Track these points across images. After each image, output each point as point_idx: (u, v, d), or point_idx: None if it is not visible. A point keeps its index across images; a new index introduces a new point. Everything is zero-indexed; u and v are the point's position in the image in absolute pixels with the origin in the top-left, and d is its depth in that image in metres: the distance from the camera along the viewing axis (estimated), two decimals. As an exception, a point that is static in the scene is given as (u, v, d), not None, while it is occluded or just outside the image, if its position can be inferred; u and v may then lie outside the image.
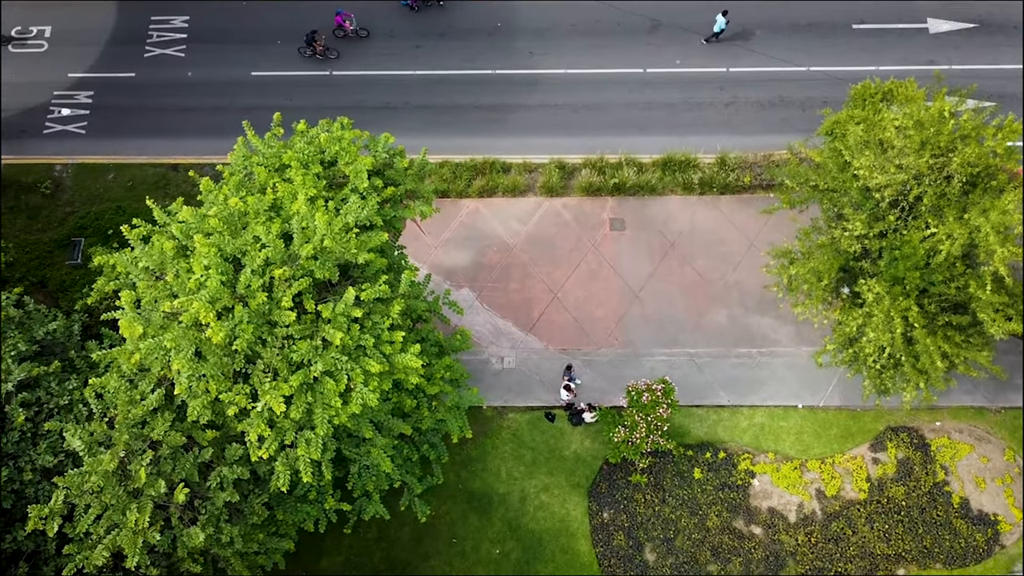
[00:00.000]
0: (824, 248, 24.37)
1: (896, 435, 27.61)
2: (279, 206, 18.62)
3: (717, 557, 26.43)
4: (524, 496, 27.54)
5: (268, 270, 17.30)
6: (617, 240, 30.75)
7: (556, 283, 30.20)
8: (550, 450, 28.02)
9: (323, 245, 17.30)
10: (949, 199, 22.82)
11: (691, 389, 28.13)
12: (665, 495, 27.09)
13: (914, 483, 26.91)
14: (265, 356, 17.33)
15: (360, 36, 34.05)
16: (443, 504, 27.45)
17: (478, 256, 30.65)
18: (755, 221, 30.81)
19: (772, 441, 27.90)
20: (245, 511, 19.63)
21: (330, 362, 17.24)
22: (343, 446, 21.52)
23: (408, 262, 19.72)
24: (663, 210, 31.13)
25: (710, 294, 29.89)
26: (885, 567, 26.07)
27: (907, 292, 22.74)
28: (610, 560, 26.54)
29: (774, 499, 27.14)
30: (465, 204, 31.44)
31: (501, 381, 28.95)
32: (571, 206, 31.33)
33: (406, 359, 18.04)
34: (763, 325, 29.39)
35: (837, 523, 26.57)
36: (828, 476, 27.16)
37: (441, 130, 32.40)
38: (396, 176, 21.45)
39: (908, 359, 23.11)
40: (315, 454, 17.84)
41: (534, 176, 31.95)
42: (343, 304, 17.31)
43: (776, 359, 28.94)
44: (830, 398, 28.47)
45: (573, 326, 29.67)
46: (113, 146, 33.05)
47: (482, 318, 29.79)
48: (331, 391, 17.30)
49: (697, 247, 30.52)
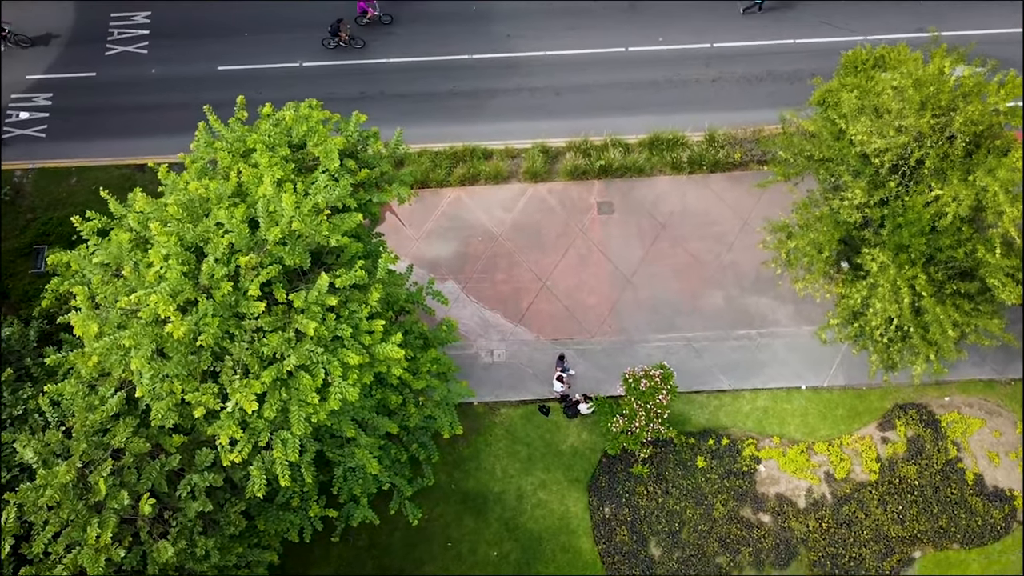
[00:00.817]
0: (823, 219, 23.28)
1: (905, 412, 26.54)
2: (245, 192, 17.30)
3: (725, 548, 25.24)
4: (521, 494, 26.27)
5: (233, 258, 15.98)
6: (606, 224, 29.59)
7: (544, 271, 28.99)
8: (546, 445, 26.78)
9: (291, 228, 15.99)
10: (952, 161, 21.79)
11: (690, 375, 26.96)
12: (668, 486, 25.88)
13: (926, 461, 25.84)
14: (234, 351, 16.00)
15: (383, 22, 32.64)
16: (436, 506, 26.13)
17: (462, 247, 29.40)
18: (748, 199, 29.74)
19: (776, 425, 26.77)
20: (221, 521, 18.25)
21: (305, 355, 15.93)
22: (326, 448, 20.20)
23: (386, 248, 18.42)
24: (652, 191, 30.00)
25: (705, 276, 28.77)
26: (901, 550, 24.96)
27: (913, 260, 21.69)
28: (613, 557, 25.31)
29: (782, 485, 25.99)
30: (446, 193, 30.19)
31: (491, 375, 27.68)
32: (557, 191, 30.14)
33: (387, 349, 16.75)
34: (761, 305, 28.28)
35: (848, 507, 25.45)
36: (836, 458, 26.04)
37: (418, 119, 31.14)
38: (370, 159, 20.18)
39: (917, 330, 22.03)
40: (293, 456, 16.51)
41: (517, 162, 30.75)
42: (316, 292, 16.01)
43: (776, 340, 27.83)
44: (834, 377, 27.38)
45: (564, 315, 28.46)
46: (75, 149, 31.62)
47: (469, 311, 28.53)
48: (307, 386, 15.98)
49: (689, 228, 29.40)
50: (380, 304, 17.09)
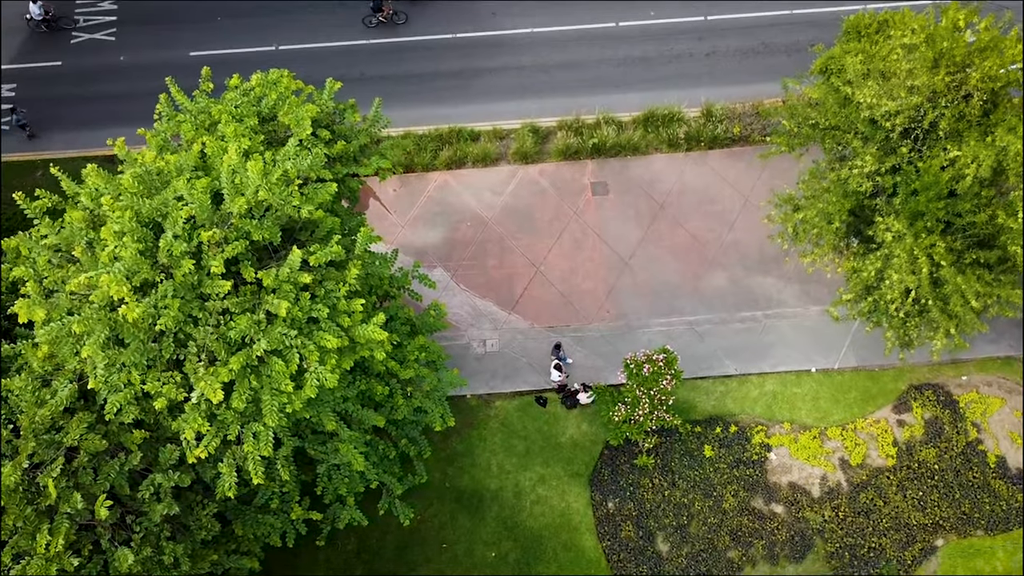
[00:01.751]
0: (832, 189, 21.92)
1: (920, 394, 25.18)
2: (209, 166, 15.82)
3: (737, 541, 23.81)
4: (519, 491, 24.78)
5: (195, 234, 14.49)
6: (601, 205, 28.19)
7: (538, 256, 27.56)
8: (544, 438, 25.31)
9: (258, 198, 14.51)
10: (969, 121, 20.47)
11: (694, 360, 25.55)
12: (674, 478, 24.44)
13: (945, 444, 24.48)
14: (198, 337, 14.51)
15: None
16: (429, 506, 24.62)
17: (450, 233, 27.96)
18: (749, 175, 28.40)
19: (786, 410, 25.38)
20: (191, 526, 16.72)
21: (277, 339, 14.45)
22: (307, 444, 18.70)
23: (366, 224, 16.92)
24: (648, 170, 28.62)
25: (706, 257, 27.39)
26: (922, 538, 23.58)
27: (930, 228, 20.35)
28: (619, 554, 23.84)
29: (794, 473, 24.58)
30: (432, 177, 28.75)
31: (485, 366, 26.22)
32: (548, 172, 28.73)
33: (369, 331, 15.27)
34: (766, 286, 26.91)
35: (866, 494, 24.05)
36: (851, 443, 24.66)
37: (401, 101, 29.64)
38: (346, 131, 18.72)
39: (935, 303, 20.69)
40: (266, 450, 15.01)
41: (506, 143, 29.34)
42: (287, 269, 14.53)
43: (783, 321, 26.46)
44: (845, 359, 26.02)
45: (560, 301, 27.03)
46: (41, 141, 30.12)
47: (459, 299, 27.07)
48: (280, 373, 14.50)
49: (688, 207, 28.03)
50: (359, 283, 15.62)
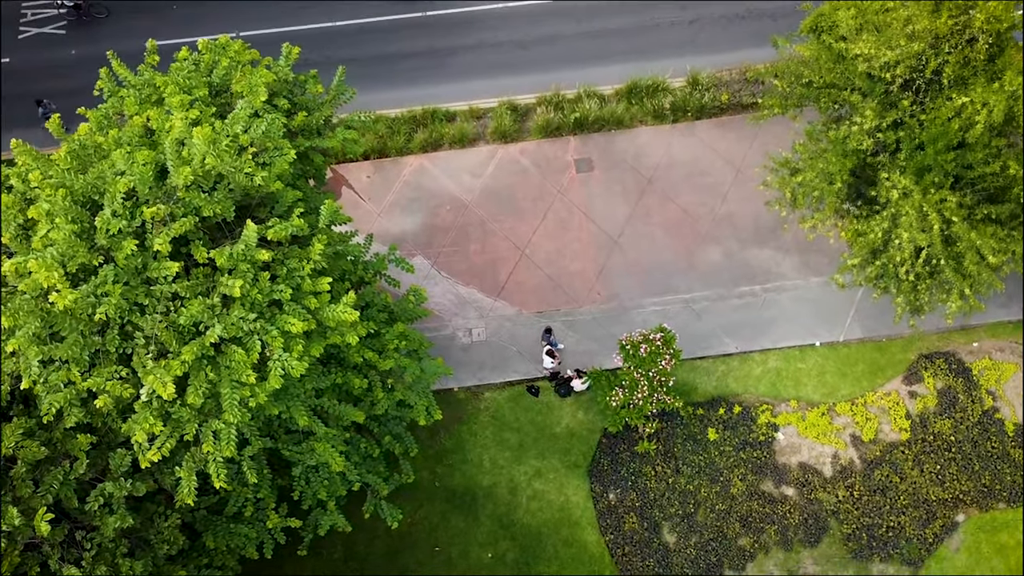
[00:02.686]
0: (832, 148, 20.61)
1: (931, 363, 23.93)
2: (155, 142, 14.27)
3: (748, 528, 22.43)
4: (514, 486, 23.31)
5: (138, 211, 12.96)
6: (586, 183, 26.79)
7: (522, 239, 26.12)
8: (538, 429, 23.86)
9: (205, 167, 12.98)
10: (974, 67, 19.23)
11: (692, 339, 24.17)
12: (678, 464, 23.04)
13: (960, 414, 23.22)
14: (145, 326, 12.96)
15: None
16: (419, 507, 23.10)
17: (429, 218, 26.47)
18: (739, 145, 27.10)
19: (792, 387, 24.05)
20: (152, 539, 15.14)
21: (234, 324, 12.92)
22: (280, 445, 17.15)
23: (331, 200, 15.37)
24: (634, 144, 27.26)
25: (699, 231, 26.04)
26: (943, 514, 22.29)
27: (938, 182, 19.08)
28: (623, 548, 22.41)
29: (804, 453, 23.24)
30: (407, 162, 27.26)
31: (472, 357, 24.74)
32: (529, 151, 27.31)
33: (338, 312, 13.76)
34: (764, 258, 25.59)
35: (880, 471, 22.74)
36: (862, 418, 23.35)
37: (371, 84, 28.06)
38: (308, 102, 17.22)
39: (948, 262, 19.42)
40: (228, 450, 13.46)
41: (483, 122, 27.90)
42: (243, 245, 13.00)
43: (783, 294, 25.15)
44: (850, 331, 24.73)
45: (548, 284, 25.59)
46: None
47: (441, 288, 25.58)
48: (240, 363, 12.98)
49: (678, 181, 26.68)
50: (326, 260, 14.12)
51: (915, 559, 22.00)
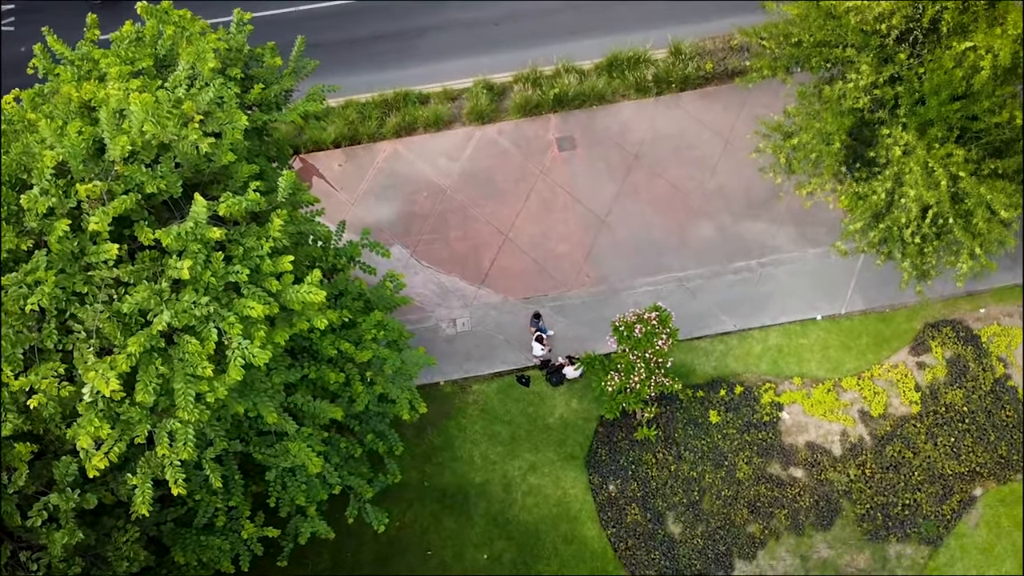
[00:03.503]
0: (828, 106, 19.48)
1: (938, 331, 22.86)
2: (94, 117, 12.89)
3: (756, 514, 21.25)
4: (508, 482, 22.03)
5: (72, 190, 11.60)
6: (569, 161, 25.57)
7: (505, 223, 24.86)
8: (530, 421, 22.59)
9: (145, 138, 11.64)
10: (974, 12, 18.15)
11: (688, 319, 22.96)
12: (680, 450, 21.83)
13: (972, 383, 22.16)
14: (85, 317, 11.60)
15: None
16: (408, 509, 21.77)
17: (406, 206, 25.15)
18: (726, 116, 25.97)
19: (794, 364, 22.91)
20: (110, 557, 13.76)
21: (186, 310, 11.57)
22: (252, 448, 15.79)
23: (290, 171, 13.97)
24: (617, 119, 26.06)
25: (690, 206, 24.88)
26: (960, 489, 21.20)
27: (943, 136, 18.01)
28: (627, 541, 21.17)
29: (811, 432, 22.10)
30: (381, 148, 25.93)
31: (457, 348, 23.44)
32: (508, 131, 26.05)
33: (303, 292, 12.44)
34: (758, 231, 24.46)
35: (892, 447, 21.63)
36: (869, 393, 22.24)
37: (339, 69, 26.64)
38: (265, 74, 15.89)
39: (956, 220, 18.34)
40: (185, 453, 12.11)
41: (458, 104, 26.62)
42: (191, 223, 11.67)
43: (780, 268, 24.02)
44: (851, 303, 23.63)
45: (533, 269, 24.34)
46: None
47: (422, 277, 24.27)
48: (195, 354, 11.65)
49: (665, 155, 25.51)
50: (287, 238, 12.79)
51: (934, 537, 20.90)
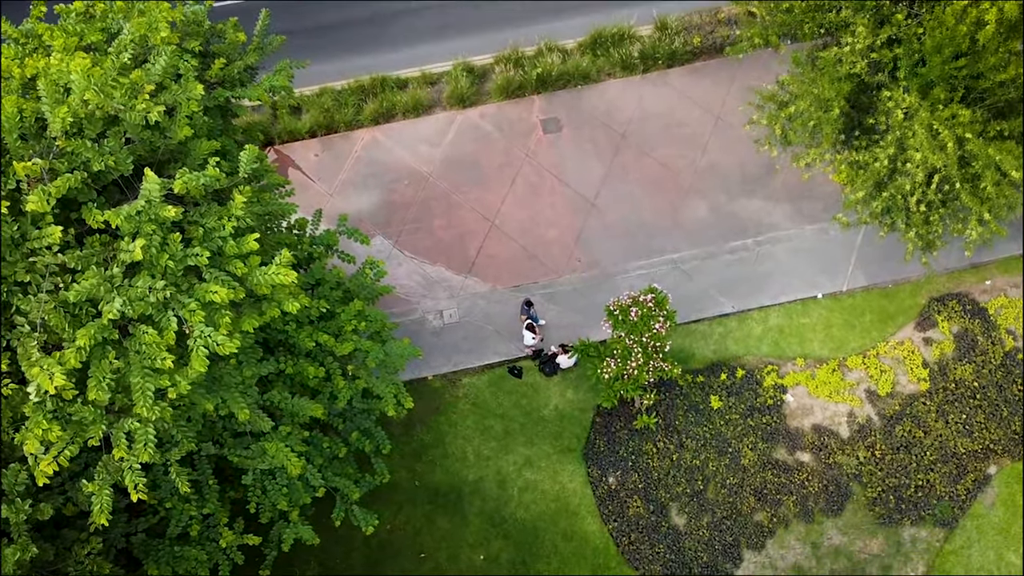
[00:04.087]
0: (824, 72, 18.59)
1: (944, 306, 22.03)
2: (35, 95, 11.80)
3: (763, 501, 20.34)
4: (503, 479, 21.03)
5: (10, 171, 10.52)
6: (555, 144, 24.59)
7: (490, 209, 23.85)
8: (524, 413, 21.60)
9: (88, 108, 10.57)
10: (976, -36, 17.31)
11: (685, 301, 22.03)
12: (681, 437, 20.90)
13: (981, 357, 21.33)
14: (30, 309, 10.52)
15: None
16: (399, 511, 20.73)
17: (386, 195, 24.10)
18: (716, 92, 25.05)
19: (796, 344, 22.03)
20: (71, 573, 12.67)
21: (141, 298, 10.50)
22: (227, 450, 14.72)
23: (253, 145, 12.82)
24: (603, 99, 25.10)
25: (681, 186, 23.95)
26: (974, 468, 20.36)
27: (946, 98, 17.15)
28: (629, 535, 20.20)
29: (817, 414, 21.22)
30: (358, 136, 24.87)
31: (445, 341, 22.42)
32: (490, 115, 25.04)
33: (270, 274, 11.39)
34: (753, 209, 23.56)
35: (902, 426, 20.77)
36: (876, 371, 21.38)
37: (313, 55, 25.16)
38: (228, 50, 14.82)
39: (964, 185, 17.49)
40: (146, 454, 11.05)
41: (438, 88, 25.58)
42: (143, 201, 10.60)
43: (778, 246, 23.13)
44: (853, 279, 22.77)
45: (522, 256, 23.35)
46: None
47: (406, 268, 23.23)
48: (153, 345, 10.59)
49: (654, 134, 24.57)
50: (253, 218, 11.73)
51: (948, 519, 20.05)
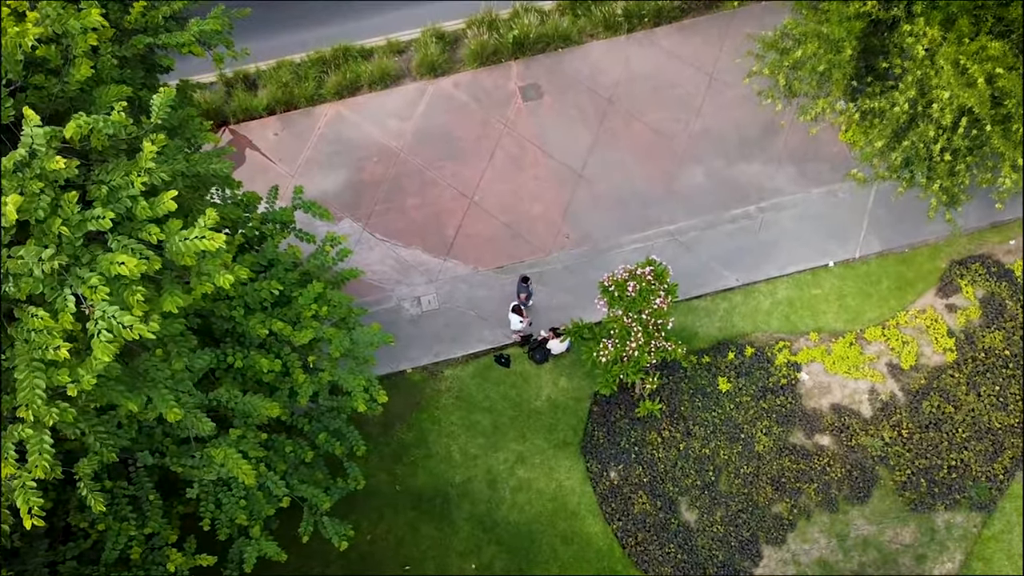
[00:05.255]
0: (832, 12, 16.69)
1: (966, 269, 20.20)
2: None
3: (782, 491, 18.43)
4: (493, 479, 19.02)
5: None
6: (535, 112, 22.59)
7: (469, 184, 21.83)
8: (514, 406, 19.60)
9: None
10: None
11: (685, 276, 20.06)
12: (688, 424, 18.95)
13: (1010, 323, 19.51)
14: None
15: None
16: (380, 519, 18.67)
17: (354, 174, 22.03)
18: (707, 50, 23.12)
19: (809, 317, 20.14)
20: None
21: (28, 273, 8.41)
22: (169, 459, 12.64)
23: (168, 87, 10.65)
24: (586, 62, 23.11)
25: (675, 151, 22.01)
26: (1011, 444, 18.52)
27: (970, 32, 15.29)
28: (636, 535, 18.24)
29: (835, 392, 19.33)
30: (321, 111, 22.77)
31: (424, 330, 20.38)
32: (465, 83, 23.00)
33: (193, 241, 9.28)
34: (754, 173, 21.65)
35: (930, 401, 18.91)
36: (897, 343, 19.52)
37: (268, 29, 23.53)
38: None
39: (995, 128, 15.63)
40: (40, 469, 8.93)
41: (407, 57, 23.52)
42: (23, 150, 8.47)
43: (782, 212, 21.24)
44: (866, 244, 20.91)
45: (505, 234, 21.34)
46: None
47: (378, 252, 21.17)
48: (44, 331, 8.52)
49: (642, 98, 22.61)
50: (169, 172, 9.63)
51: (986, 502, 18.21)
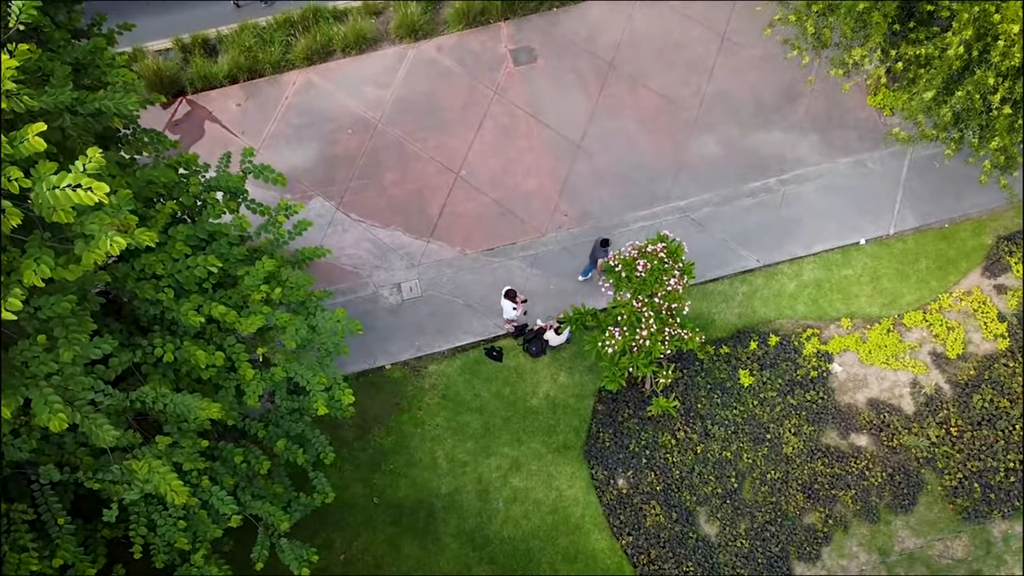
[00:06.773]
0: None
1: (1016, 245, 17.94)
2: None
3: (814, 499, 16.11)
4: (484, 488, 16.66)
5: None
6: (528, 77, 20.26)
7: (455, 158, 19.48)
8: (508, 405, 17.25)
9: None
10: None
11: (697, 257, 17.64)
12: (706, 424, 16.62)
13: (1069, 305, 17.26)
14: None
15: None
16: (355, 536, 16.29)
17: (326, 147, 19.66)
18: (719, 7, 20.83)
19: (839, 301, 17.84)
20: None
21: None
22: (82, 475, 10.29)
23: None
24: (584, 22, 20.79)
25: (685, 119, 19.69)
26: (1075, 442, 16.25)
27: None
28: (648, 552, 15.90)
29: (872, 386, 17.02)
30: (289, 79, 20.40)
31: (405, 320, 18.02)
32: (449, 46, 20.65)
33: (65, 188, 6.85)
34: (774, 142, 19.34)
35: (981, 395, 16.61)
36: (941, 329, 17.23)
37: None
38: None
39: (1067, 73, 13.37)
40: None
41: (384, 18, 21.17)
42: None
43: (806, 185, 18.94)
44: (901, 220, 18.62)
45: (495, 212, 18.99)
46: None
47: (353, 234, 18.81)
48: None
49: (648, 60, 20.30)
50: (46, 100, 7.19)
51: (1049, 508, 15.95)
